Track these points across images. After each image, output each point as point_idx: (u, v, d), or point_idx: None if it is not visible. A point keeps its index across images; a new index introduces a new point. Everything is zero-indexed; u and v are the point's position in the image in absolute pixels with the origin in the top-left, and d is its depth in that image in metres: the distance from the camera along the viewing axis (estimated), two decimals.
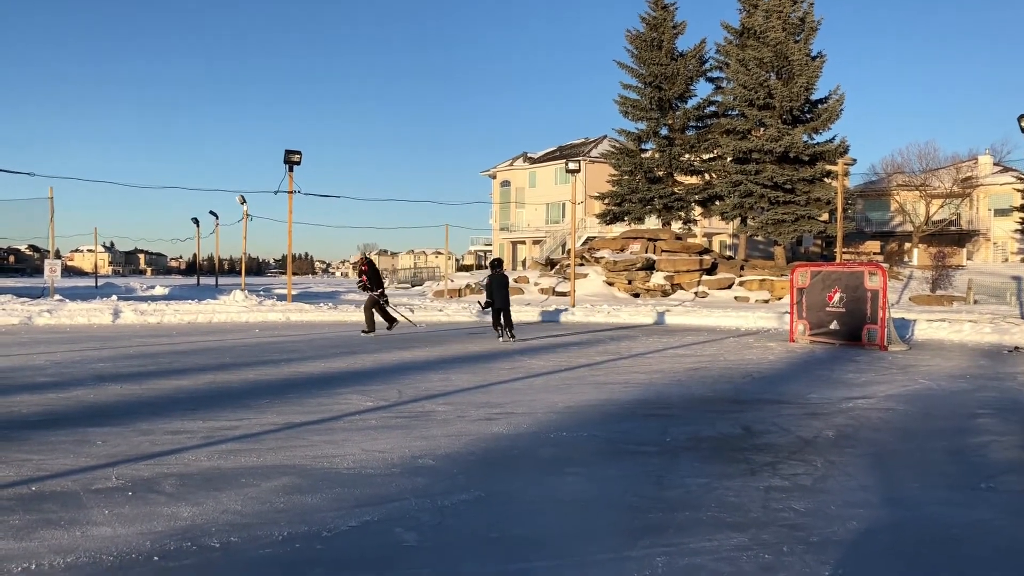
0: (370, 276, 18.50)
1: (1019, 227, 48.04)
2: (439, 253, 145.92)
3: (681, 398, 9.32)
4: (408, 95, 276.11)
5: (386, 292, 19.19)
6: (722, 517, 4.74)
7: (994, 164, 53.94)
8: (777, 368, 12.47)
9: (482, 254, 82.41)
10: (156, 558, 3.96)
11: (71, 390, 9.35)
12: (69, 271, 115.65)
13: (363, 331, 18.10)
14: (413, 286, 57.17)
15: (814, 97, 39.44)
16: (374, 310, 18.22)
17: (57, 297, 26.72)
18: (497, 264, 18.11)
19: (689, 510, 4.89)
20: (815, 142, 39.12)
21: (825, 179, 38.95)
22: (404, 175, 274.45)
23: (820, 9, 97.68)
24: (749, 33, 39.76)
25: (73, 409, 8.13)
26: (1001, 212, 52.47)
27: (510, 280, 38.03)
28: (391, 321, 18.68)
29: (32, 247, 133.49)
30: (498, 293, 17.01)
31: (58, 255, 32.39)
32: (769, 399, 9.29)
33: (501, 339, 16.67)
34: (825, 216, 39.82)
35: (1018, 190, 48.05)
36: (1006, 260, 50.92)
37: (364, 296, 18.92)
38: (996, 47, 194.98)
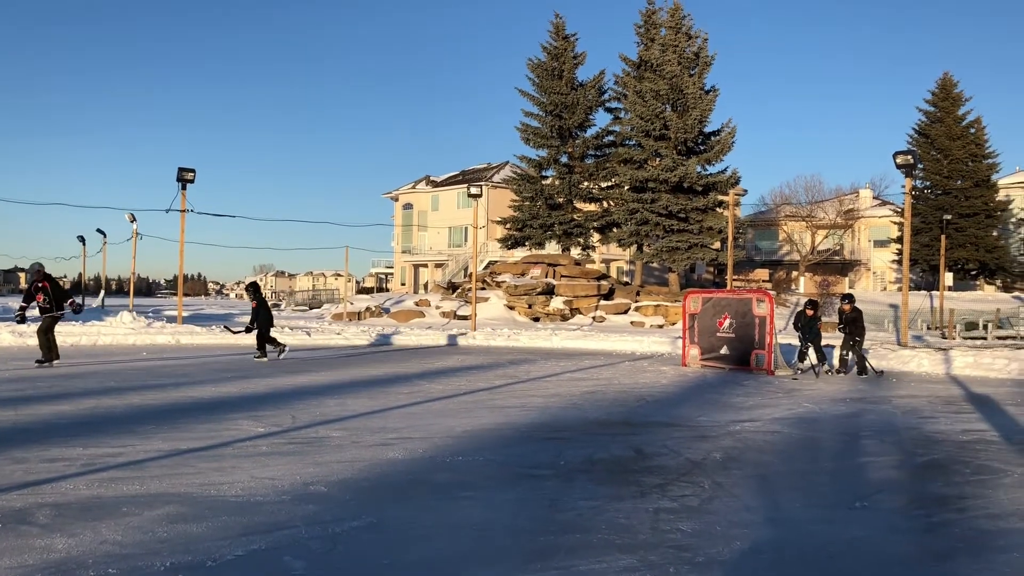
0: (52, 294, 15.16)
1: (896, 258, 50.76)
2: (339, 275, 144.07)
3: (577, 421, 9.45)
4: (308, 115, 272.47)
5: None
6: (611, 539, 4.82)
7: (873, 198, 56.98)
8: (669, 392, 12.77)
9: (383, 276, 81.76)
10: None
11: None
12: None
13: (37, 360, 14.95)
14: (311, 308, 56.18)
15: (707, 129, 40.93)
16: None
17: None
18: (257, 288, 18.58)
19: (579, 532, 4.95)
20: (708, 173, 40.52)
21: (717, 209, 40.35)
22: (303, 195, 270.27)
23: (714, 45, 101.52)
24: (646, 66, 41.00)
25: None
26: (880, 243, 55.38)
27: (412, 303, 37.80)
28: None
29: None
30: (265, 315, 17.41)
31: None
32: (661, 422, 9.51)
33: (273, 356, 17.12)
34: (717, 244, 41.23)
35: (895, 223, 50.81)
36: (884, 289, 53.69)
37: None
38: (877, 87, 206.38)
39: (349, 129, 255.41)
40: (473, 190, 29.78)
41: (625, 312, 35.48)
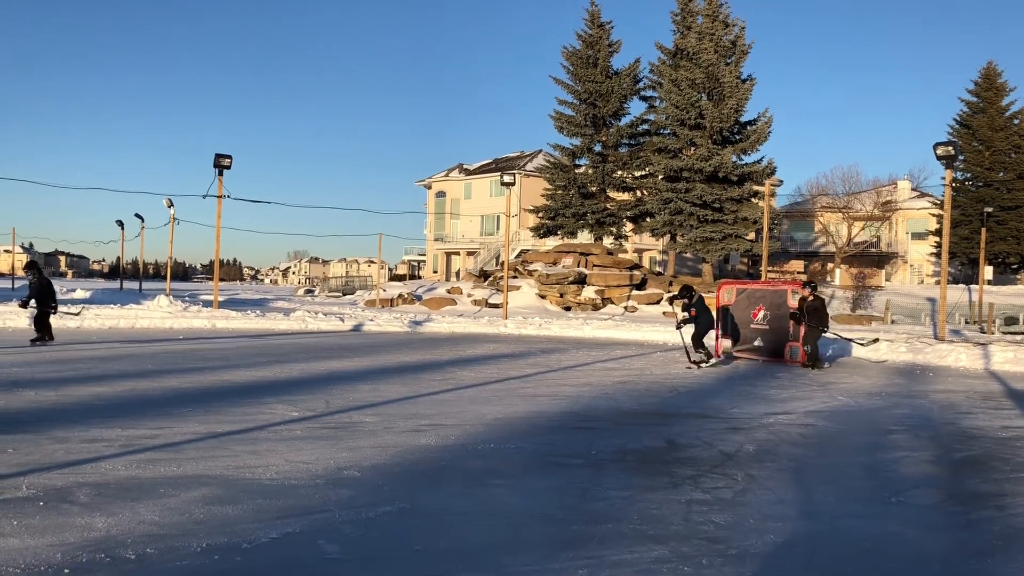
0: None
1: (934, 250, 49.93)
2: (372, 262, 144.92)
3: (608, 411, 9.43)
4: (344, 102, 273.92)
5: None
6: (643, 529, 4.80)
7: (912, 189, 56.07)
8: (702, 383, 12.70)
9: (416, 263, 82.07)
10: (67, 570, 3.84)
11: None
12: None
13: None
14: (344, 295, 56.55)
15: (743, 119, 40.48)
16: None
17: None
18: None
19: (611, 522, 4.94)
20: (743, 163, 40.11)
21: (752, 199, 39.95)
22: (338, 183, 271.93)
23: (751, 34, 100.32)
24: (682, 54, 40.62)
25: None
26: (918, 236, 54.52)
27: (444, 291, 37.88)
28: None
29: None
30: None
31: None
32: (694, 413, 9.46)
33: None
34: (752, 235, 40.82)
35: (933, 215, 49.96)
36: (922, 282, 52.88)
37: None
38: (917, 76, 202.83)
39: (383, 117, 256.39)
40: (506, 178, 29.75)
41: (657, 302, 35.28)
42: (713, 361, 15.40)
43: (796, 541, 4.74)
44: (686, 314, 15.53)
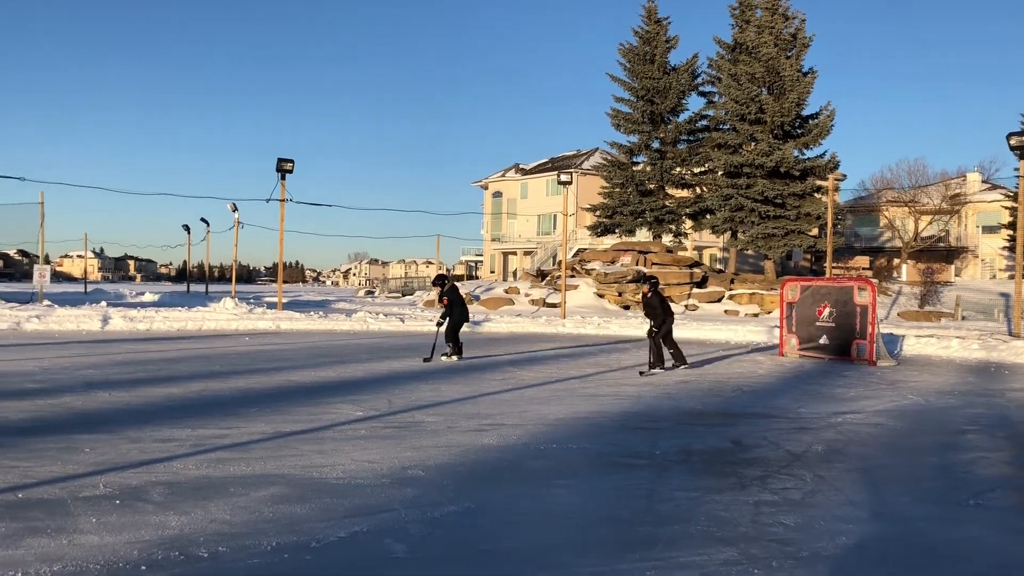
0: None
1: (1007, 244, 48.36)
2: (430, 263, 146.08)
3: (671, 411, 9.34)
4: (402, 106, 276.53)
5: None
6: (711, 531, 4.74)
7: (982, 181, 54.37)
8: (766, 382, 12.50)
9: (473, 264, 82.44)
10: (143, 567, 3.93)
11: (59, 396, 9.30)
12: (58, 277, 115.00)
13: None
14: (404, 295, 57.10)
15: (805, 112, 39.72)
16: None
17: (46, 303, 26.57)
18: None
19: (678, 524, 4.89)
20: (805, 157, 39.36)
21: (815, 194, 39.18)
22: (397, 185, 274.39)
23: (812, 26, 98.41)
24: (741, 48, 40.03)
25: (61, 416, 8.09)
26: (989, 229, 52.84)
27: (501, 291, 37.91)
28: None
29: (21, 252, 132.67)
30: None
31: (47, 260, 32.26)
32: (759, 413, 9.31)
33: None
34: (815, 231, 40.02)
35: (1006, 207, 48.39)
36: (994, 277, 51.25)
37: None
38: (986, 65, 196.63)
39: (440, 118, 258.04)
40: (563, 177, 29.69)
41: (718, 300, 34.85)
42: (452, 356, 14.94)
43: (868, 544, 4.62)
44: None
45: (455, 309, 15.31)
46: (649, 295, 13.95)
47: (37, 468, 5.84)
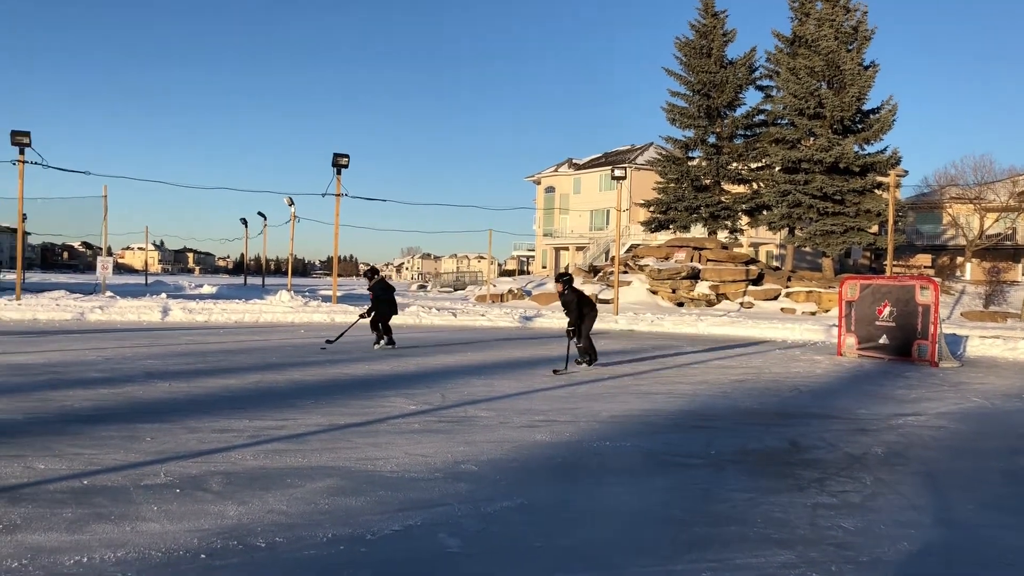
0: None
1: None
2: (482, 258, 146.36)
3: (726, 410, 9.21)
4: (455, 100, 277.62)
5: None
6: (768, 533, 4.66)
7: None
8: (824, 382, 12.27)
9: (524, 259, 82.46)
10: (203, 556, 4.00)
11: (122, 386, 9.53)
12: (120, 268, 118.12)
13: None
14: (456, 290, 57.34)
15: (866, 107, 38.88)
16: None
17: (108, 294, 27.27)
18: None
19: (735, 525, 4.81)
20: (866, 153, 38.55)
21: (876, 191, 38.36)
22: (449, 180, 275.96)
23: (874, 18, 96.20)
24: (800, 41, 39.33)
25: (123, 405, 8.28)
26: None
27: (553, 286, 37.95)
28: None
29: (85, 244, 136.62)
30: None
31: (110, 252, 33.08)
32: (816, 413, 9.14)
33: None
34: (875, 228, 39.17)
35: None
36: None
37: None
38: None
39: (493, 113, 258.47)
40: (617, 172, 29.53)
41: (775, 298, 34.32)
42: (385, 346, 15.42)
43: (932, 550, 4.50)
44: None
45: (381, 303, 15.79)
46: (564, 292, 13.39)
47: (101, 456, 5.99)
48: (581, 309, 13.23)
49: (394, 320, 18.00)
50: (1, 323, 19.13)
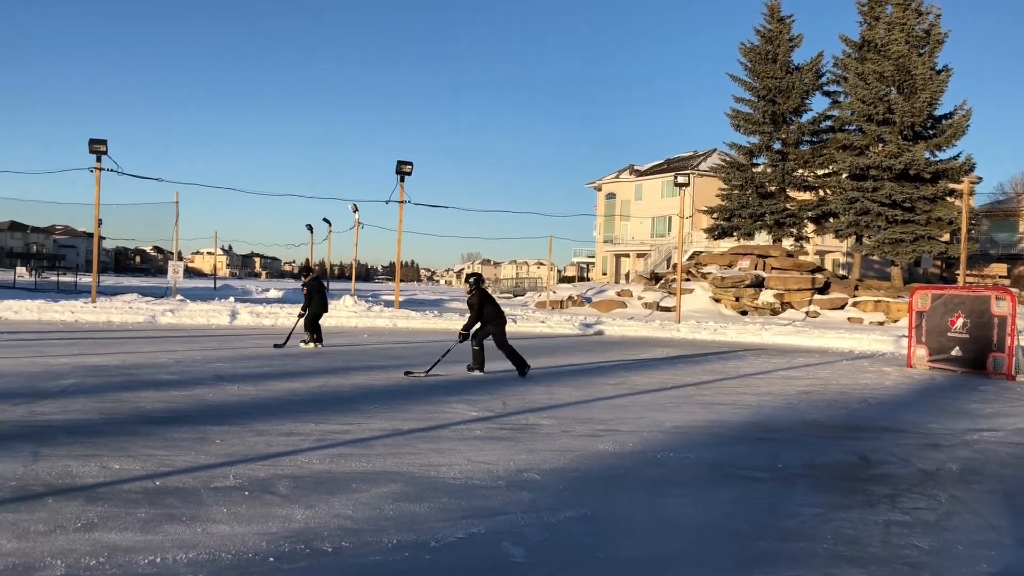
0: None
1: None
2: (541, 264, 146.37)
3: (793, 422, 9.04)
4: (516, 107, 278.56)
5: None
6: (839, 550, 4.55)
7: None
8: (894, 394, 11.95)
9: (584, 265, 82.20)
10: (271, 559, 4.06)
11: (192, 388, 9.76)
12: (189, 272, 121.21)
13: None
14: (515, 296, 57.44)
15: (938, 112, 37.88)
16: None
17: (179, 297, 27.99)
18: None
19: (804, 541, 4.71)
20: (938, 159, 37.54)
21: (948, 198, 37.30)
22: (510, 186, 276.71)
23: (947, 21, 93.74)
24: (869, 46, 38.51)
25: (194, 407, 8.48)
26: None
27: (613, 293, 37.68)
28: None
29: (156, 248, 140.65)
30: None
31: (180, 257, 33.97)
32: (886, 427, 8.90)
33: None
34: (947, 237, 38.08)
35: None
36: None
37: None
38: None
39: (554, 119, 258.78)
40: (680, 179, 29.27)
41: (841, 307, 33.59)
42: (319, 347, 15.88)
43: (1013, 572, 4.34)
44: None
45: (314, 301, 16.22)
46: (470, 294, 12.78)
47: (173, 457, 6.13)
48: (482, 313, 12.58)
49: (456, 325, 18.13)
50: (78, 325, 19.78)
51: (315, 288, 16.49)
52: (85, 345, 14.72)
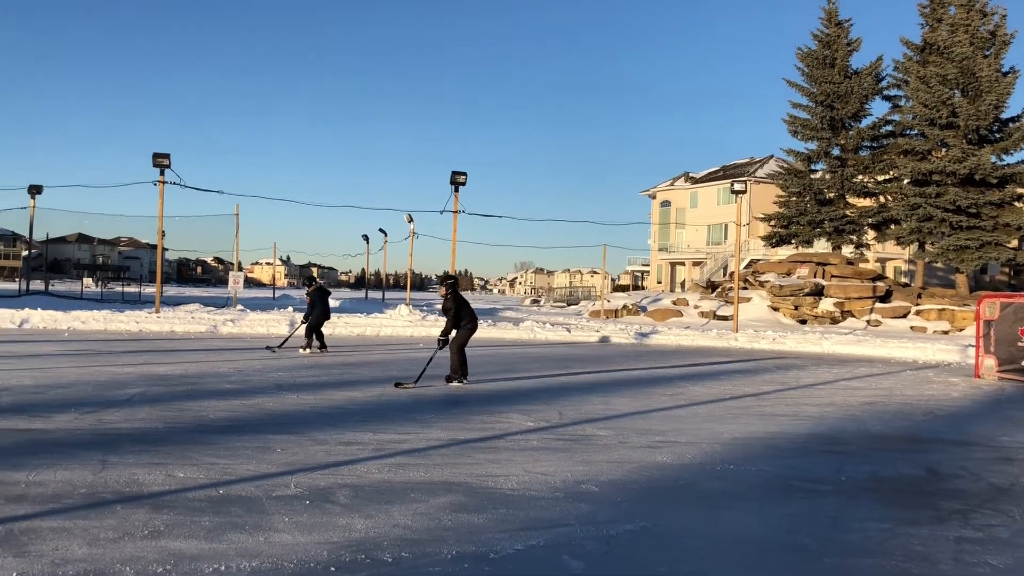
0: None
1: None
2: (595, 272, 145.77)
3: (857, 434, 8.84)
4: (570, 115, 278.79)
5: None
6: (908, 567, 4.42)
7: None
8: (962, 406, 11.62)
9: (639, 274, 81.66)
10: (333, 569, 4.09)
11: (253, 397, 9.92)
12: (249, 283, 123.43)
13: None
14: (569, 305, 57.30)
15: (1004, 115, 36.81)
16: None
17: (239, 307, 28.52)
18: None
19: (870, 557, 4.59)
20: (1005, 163, 36.47)
21: (1016, 203, 36.20)
22: (564, 195, 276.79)
23: (1013, 22, 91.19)
24: (931, 49, 37.66)
25: (255, 416, 8.61)
26: None
27: (669, 302, 37.37)
28: None
29: (217, 259, 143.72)
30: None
31: (240, 267, 34.62)
32: (954, 439, 8.65)
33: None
34: (1015, 243, 36.95)
35: None
36: None
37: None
38: None
39: (608, 127, 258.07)
40: (737, 186, 28.91)
41: (904, 316, 32.80)
42: (309, 352, 16.34)
43: None
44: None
45: (316, 308, 16.64)
46: (446, 297, 12.47)
47: (235, 466, 6.23)
48: (459, 318, 12.36)
49: (519, 335, 18.16)
50: (142, 335, 20.28)
51: (318, 297, 16.91)
52: (149, 355, 15.08)
